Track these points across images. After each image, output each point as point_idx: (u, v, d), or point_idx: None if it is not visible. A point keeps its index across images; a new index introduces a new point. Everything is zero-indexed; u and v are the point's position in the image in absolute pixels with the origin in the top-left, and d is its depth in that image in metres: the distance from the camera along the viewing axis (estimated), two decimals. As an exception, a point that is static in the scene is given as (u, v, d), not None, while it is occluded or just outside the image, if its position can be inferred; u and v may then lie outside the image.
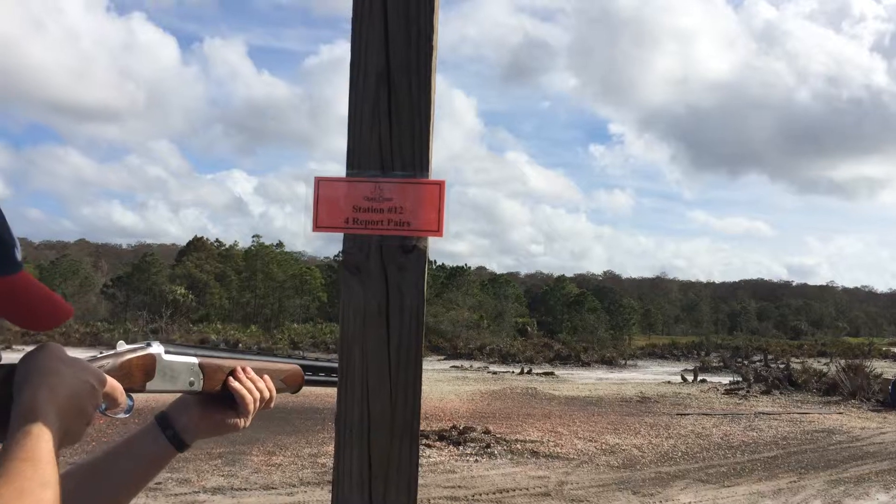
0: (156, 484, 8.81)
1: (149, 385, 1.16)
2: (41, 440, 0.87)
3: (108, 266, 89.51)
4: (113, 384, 1.06)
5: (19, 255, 0.97)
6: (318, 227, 1.20)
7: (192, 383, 1.20)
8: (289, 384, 1.35)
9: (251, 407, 1.27)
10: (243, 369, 1.27)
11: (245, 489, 8.77)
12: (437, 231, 1.18)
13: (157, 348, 1.17)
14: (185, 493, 8.45)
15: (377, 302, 1.18)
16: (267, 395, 1.30)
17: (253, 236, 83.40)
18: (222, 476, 9.35)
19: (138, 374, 1.14)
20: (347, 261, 1.19)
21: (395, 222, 1.19)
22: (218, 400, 1.26)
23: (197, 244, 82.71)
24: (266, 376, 1.30)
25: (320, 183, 1.21)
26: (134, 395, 1.14)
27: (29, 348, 0.99)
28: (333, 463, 1.18)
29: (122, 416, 1.11)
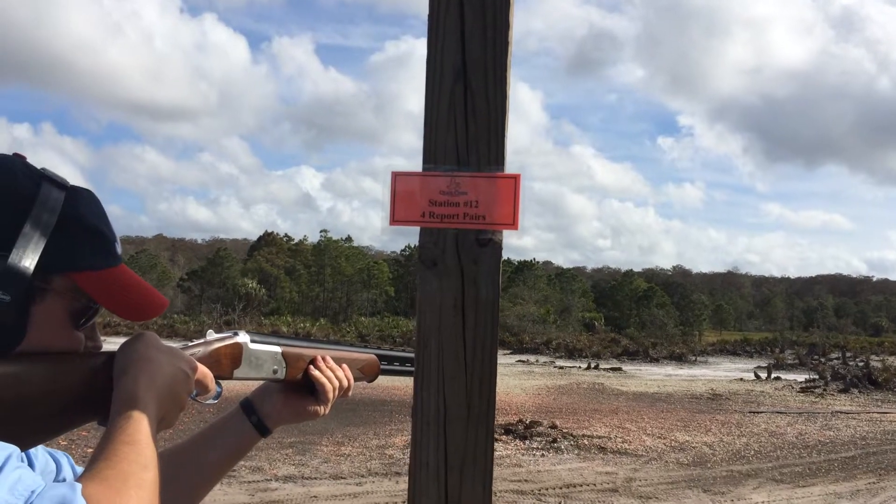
0: (230, 472, 9.09)
1: (236, 373, 1.19)
2: (142, 424, 0.91)
3: (184, 260, 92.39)
4: (204, 371, 1.10)
5: (119, 249, 1.03)
6: (394, 220, 1.23)
7: (275, 371, 1.24)
8: (366, 373, 1.38)
9: (331, 395, 1.31)
10: (323, 358, 1.30)
11: (315, 478, 8.95)
12: (513, 224, 1.19)
13: (243, 337, 1.20)
14: (258, 481, 8.68)
15: (453, 295, 1.19)
16: (346, 383, 1.33)
17: (321, 231, 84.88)
18: (293, 465, 9.56)
19: (226, 363, 1.18)
20: (424, 255, 1.21)
21: (471, 216, 1.20)
22: (299, 388, 1.29)
23: (267, 239, 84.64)
24: (344, 365, 1.33)
25: (397, 177, 1.23)
26: (222, 383, 1.17)
27: (113, 340, 1.03)
28: (410, 454, 1.20)
29: (210, 402, 1.15)
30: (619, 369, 27.60)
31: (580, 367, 28.27)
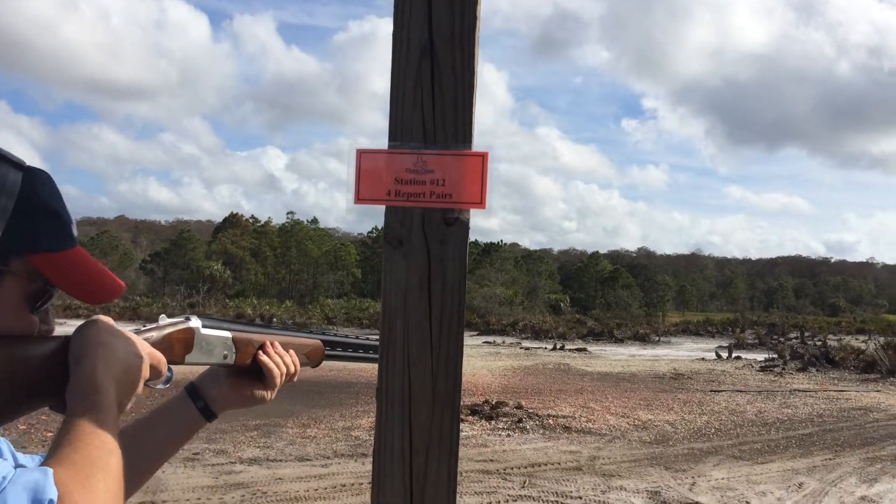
0: (193, 454, 9.00)
1: (188, 358, 1.18)
2: (104, 410, 0.90)
3: (147, 242, 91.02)
4: (158, 357, 1.09)
5: (75, 232, 1.02)
6: (359, 199, 1.20)
7: (225, 356, 1.23)
8: (311, 358, 1.37)
9: (278, 381, 1.30)
10: (272, 344, 1.29)
11: (280, 461, 8.91)
12: (480, 203, 1.17)
13: (195, 322, 1.19)
14: (223, 464, 8.62)
15: (419, 275, 1.17)
16: (293, 369, 1.32)
17: (287, 213, 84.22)
18: (258, 447, 9.51)
19: (179, 348, 1.16)
20: (389, 234, 1.19)
21: (438, 194, 1.18)
22: (246, 373, 1.28)
23: (232, 221, 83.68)
24: (291, 351, 1.32)
25: (362, 155, 1.20)
26: (173, 368, 1.16)
27: (73, 322, 1.01)
28: (374, 435, 1.19)
29: (161, 387, 1.13)
30: (585, 350, 27.89)
31: (546, 347, 28.50)
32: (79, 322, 1.02)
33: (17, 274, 0.95)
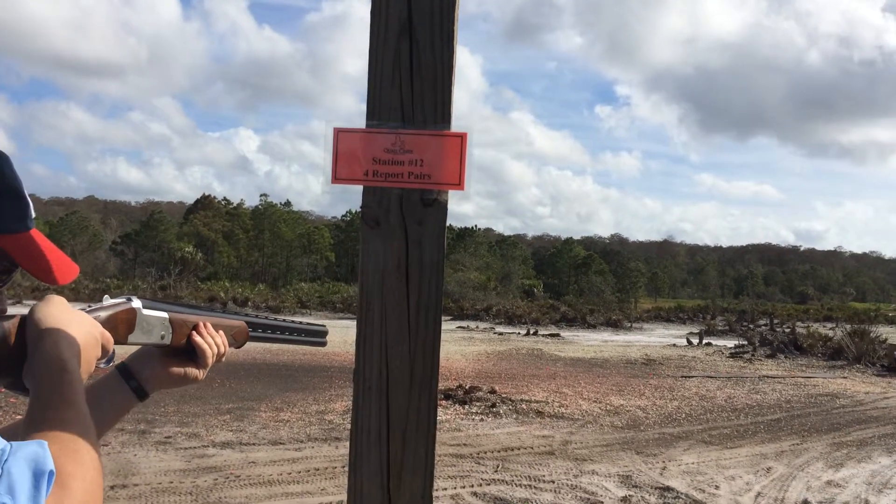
0: (165, 438, 8.93)
1: (130, 338, 1.18)
2: (74, 387, 0.91)
3: (117, 223, 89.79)
4: (108, 336, 1.09)
5: (32, 213, 1.02)
6: (336, 179, 1.18)
7: (162, 336, 1.23)
8: (237, 339, 1.37)
9: (210, 361, 1.29)
10: (205, 325, 1.28)
11: (253, 444, 8.87)
12: (459, 184, 1.16)
13: (137, 303, 1.19)
14: (195, 448, 8.56)
15: (397, 257, 1.15)
16: (223, 349, 1.31)
17: (261, 195, 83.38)
18: (231, 431, 9.46)
19: (122, 328, 1.16)
20: (366, 214, 1.17)
21: (416, 175, 1.16)
22: (179, 353, 1.28)
23: (204, 202, 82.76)
24: (221, 331, 1.31)
25: (339, 134, 1.18)
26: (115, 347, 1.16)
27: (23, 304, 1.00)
28: (351, 419, 1.17)
29: (103, 366, 1.13)
30: (558, 335, 28.06)
31: (519, 333, 28.63)
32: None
33: None
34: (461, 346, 21.62)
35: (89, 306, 1.12)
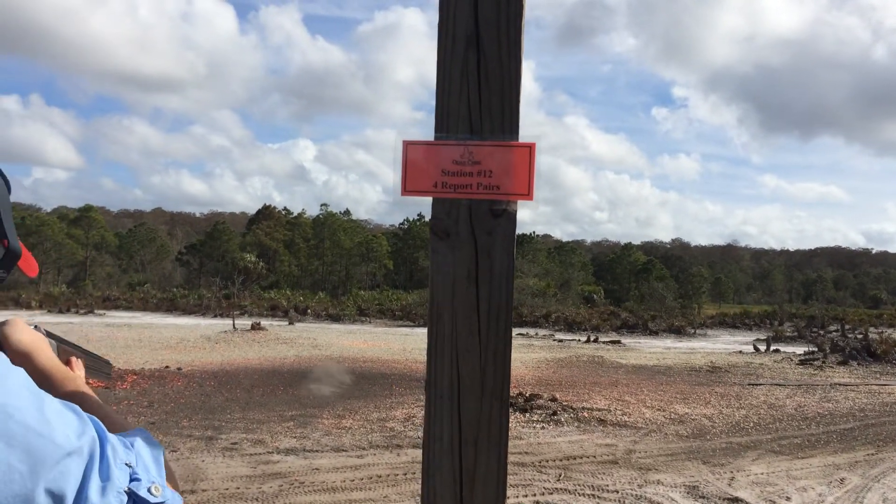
0: (232, 444, 9.12)
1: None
2: (94, 397, 1.01)
3: (183, 234, 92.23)
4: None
5: None
6: (406, 191, 1.19)
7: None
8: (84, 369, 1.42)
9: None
10: (76, 360, 1.33)
11: (316, 451, 8.99)
12: (528, 195, 1.16)
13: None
14: (260, 454, 8.72)
15: (466, 267, 1.16)
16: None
17: (321, 205, 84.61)
18: (294, 438, 9.61)
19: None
20: (436, 226, 1.18)
21: (485, 186, 1.17)
22: None
23: (266, 212, 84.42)
24: (80, 363, 1.36)
25: (408, 147, 1.20)
26: None
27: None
28: (423, 428, 1.18)
29: None
30: (619, 342, 27.69)
31: (579, 340, 28.35)
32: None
33: None
34: (521, 354, 21.53)
35: None
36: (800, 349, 24.62)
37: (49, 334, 1.25)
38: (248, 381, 14.36)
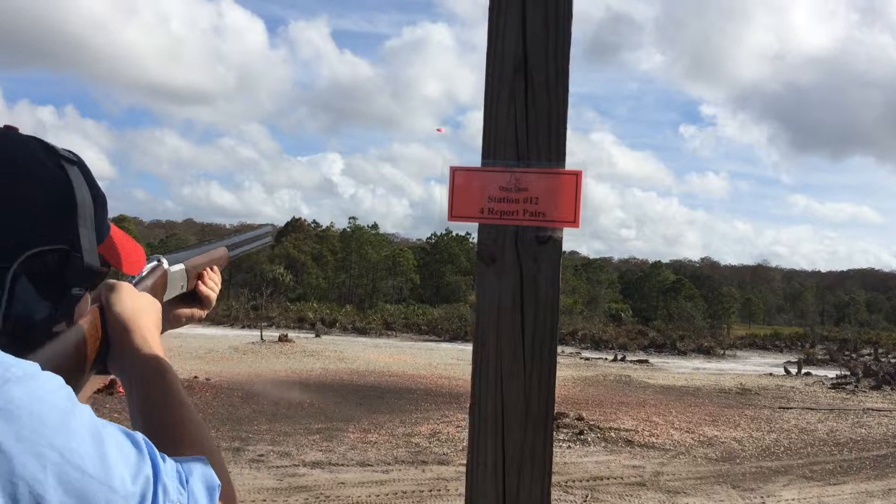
0: (258, 456, 9.17)
1: (164, 298, 1.19)
2: (177, 384, 0.95)
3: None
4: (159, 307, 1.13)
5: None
6: (453, 216, 1.20)
7: (182, 287, 1.25)
8: (220, 266, 1.40)
9: (214, 303, 1.32)
10: (210, 269, 1.31)
11: (342, 465, 9.00)
12: (574, 222, 1.17)
13: (165, 263, 1.20)
14: (286, 466, 8.75)
15: (512, 293, 1.17)
16: (219, 287, 1.34)
17: (350, 218, 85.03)
18: (321, 451, 9.63)
19: (160, 291, 1.18)
20: (482, 251, 1.19)
21: (531, 213, 1.17)
22: (184, 296, 1.28)
23: (295, 225, 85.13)
24: (216, 268, 1.33)
25: (455, 172, 1.21)
26: None
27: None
28: (467, 452, 1.19)
29: None
30: (646, 361, 27.42)
31: (606, 358, 28.12)
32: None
33: None
34: (547, 371, 21.38)
35: (132, 278, 1.13)
36: (832, 373, 24.18)
37: (171, 256, 1.21)
38: (275, 393, 14.43)
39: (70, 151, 0.96)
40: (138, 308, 1.02)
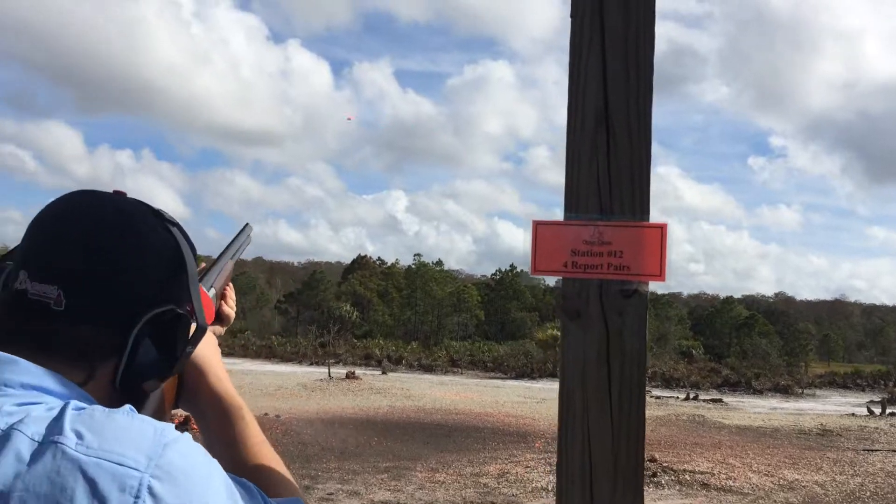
0: (328, 494, 9.20)
1: None
2: (254, 424, 1.02)
3: (281, 283, 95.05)
4: None
5: None
6: (536, 270, 1.21)
7: (215, 311, 1.28)
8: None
9: (232, 321, 1.34)
10: (228, 287, 1.34)
11: (411, 505, 8.96)
12: (659, 276, 1.15)
13: (209, 289, 1.23)
14: (355, 506, 8.76)
15: (597, 347, 1.16)
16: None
17: (415, 255, 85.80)
18: (389, 490, 9.61)
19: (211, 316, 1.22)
20: (566, 305, 1.18)
21: (615, 266, 1.17)
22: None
23: (361, 262, 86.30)
24: (230, 284, 1.36)
25: (538, 227, 1.21)
26: None
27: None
28: (554, 510, 1.17)
29: None
30: (721, 401, 26.58)
31: (678, 397, 27.38)
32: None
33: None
34: (616, 410, 20.94)
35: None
36: (920, 413, 22.97)
37: (206, 284, 1.22)
38: (342, 431, 14.51)
39: (170, 215, 1.01)
40: (207, 347, 1.06)
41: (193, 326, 0.93)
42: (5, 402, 0.75)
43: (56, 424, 0.72)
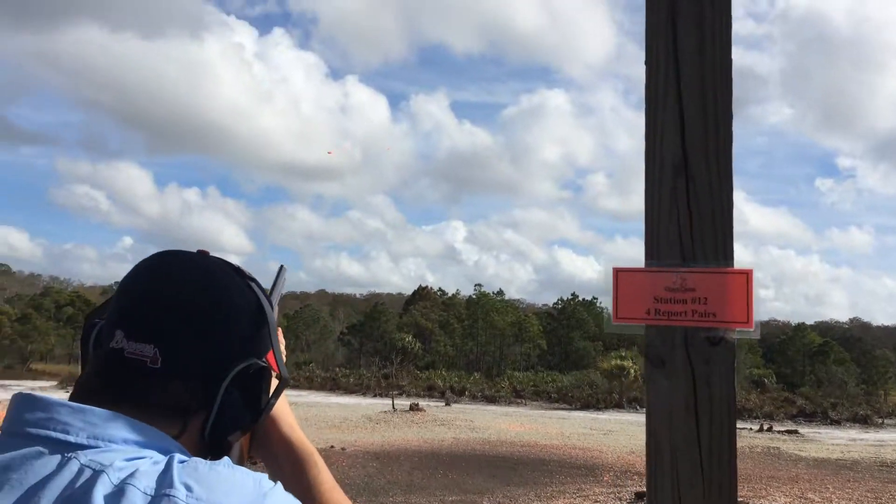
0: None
1: None
2: (324, 465, 1.06)
3: (344, 315, 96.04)
4: None
5: None
6: (618, 318, 1.20)
7: None
8: None
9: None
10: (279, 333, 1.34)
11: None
12: (747, 322, 1.14)
13: None
14: (423, 541, 8.71)
15: (684, 396, 1.15)
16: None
17: (475, 285, 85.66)
18: (456, 525, 9.54)
19: None
20: (651, 353, 1.18)
21: (700, 313, 1.16)
22: None
23: (422, 293, 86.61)
24: (280, 329, 1.34)
25: (619, 274, 1.21)
26: None
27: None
28: (644, 562, 1.15)
29: None
30: (796, 432, 25.63)
31: (751, 428, 26.51)
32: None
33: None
34: (686, 442, 20.38)
35: None
36: None
37: None
38: (408, 464, 14.49)
39: (248, 271, 1.04)
40: (283, 398, 1.09)
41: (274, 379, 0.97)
42: (115, 458, 0.79)
43: (165, 478, 0.76)
